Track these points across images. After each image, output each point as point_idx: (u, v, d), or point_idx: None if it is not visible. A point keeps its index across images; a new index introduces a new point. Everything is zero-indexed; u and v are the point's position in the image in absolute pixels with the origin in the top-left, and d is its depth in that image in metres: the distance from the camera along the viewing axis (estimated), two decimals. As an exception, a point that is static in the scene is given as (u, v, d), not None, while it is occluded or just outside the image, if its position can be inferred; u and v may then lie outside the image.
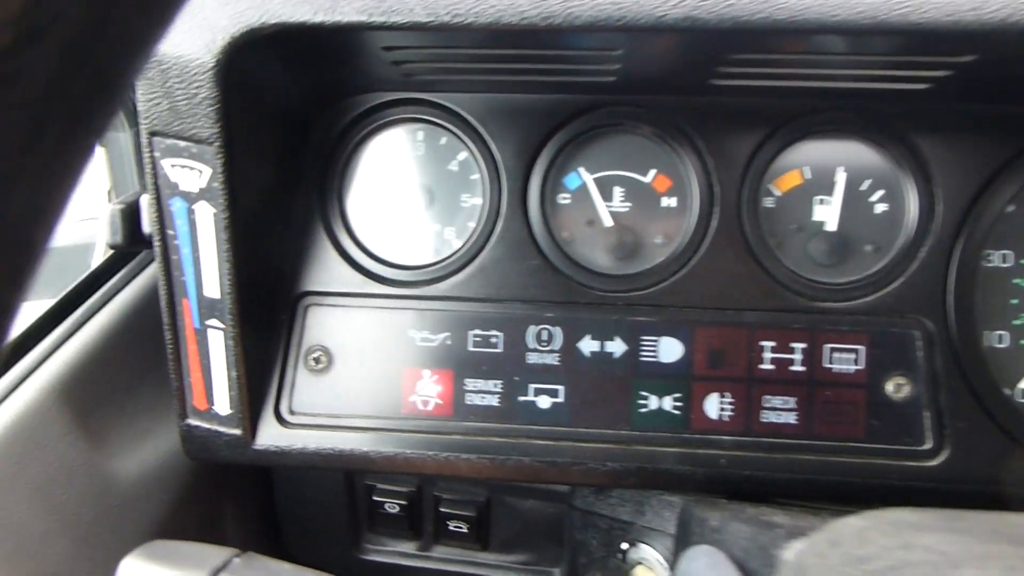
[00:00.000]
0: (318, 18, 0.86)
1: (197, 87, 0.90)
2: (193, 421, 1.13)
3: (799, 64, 0.95)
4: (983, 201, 1.05)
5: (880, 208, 1.10)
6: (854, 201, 1.10)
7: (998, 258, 1.07)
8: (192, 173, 0.96)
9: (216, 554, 0.78)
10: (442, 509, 1.42)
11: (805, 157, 1.10)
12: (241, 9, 0.87)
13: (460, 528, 1.43)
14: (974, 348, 1.06)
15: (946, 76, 0.94)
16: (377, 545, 1.50)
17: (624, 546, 1.23)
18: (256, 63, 0.93)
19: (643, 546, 1.22)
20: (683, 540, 1.03)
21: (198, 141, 0.93)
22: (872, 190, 1.10)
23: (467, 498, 1.42)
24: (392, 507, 1.43)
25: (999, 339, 1.07)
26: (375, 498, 1.43)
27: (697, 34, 0.85)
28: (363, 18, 0.86)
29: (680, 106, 1.08)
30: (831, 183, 1.10)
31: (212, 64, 0.89)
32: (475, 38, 0.91)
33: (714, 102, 1.07)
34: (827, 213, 1.10)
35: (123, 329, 1.25)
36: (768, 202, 1.11)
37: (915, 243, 1.07)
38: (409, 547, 1.48)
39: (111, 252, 1.28)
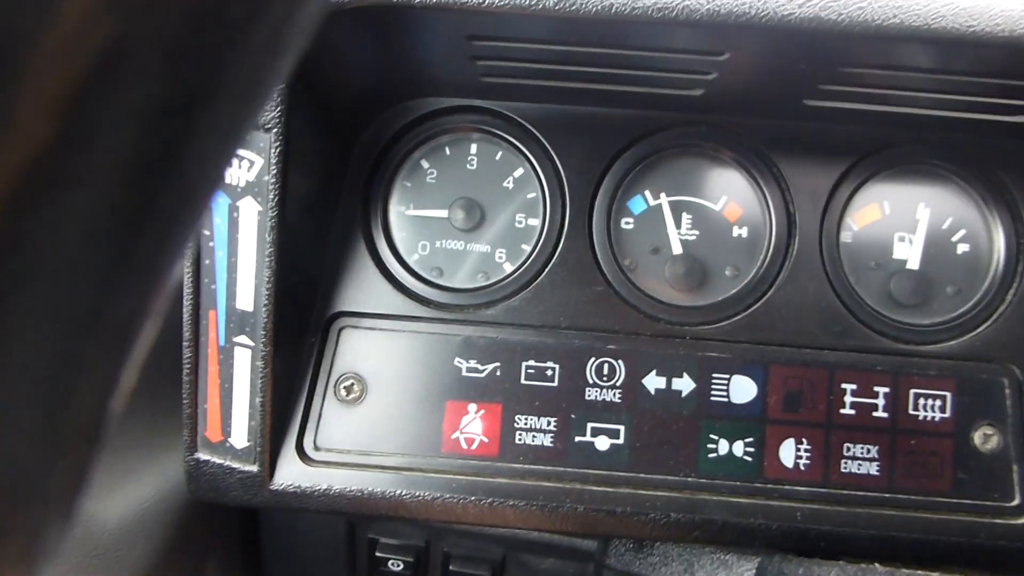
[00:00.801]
0: (408, -5, 0.77)
1: (260, 64, 0.80)
2: (203, 455, 0.98)
3: (903, 85, 0.90)
4: (1072, 244, 1.01)
5: (962, 248, 1.04)
6: (935, 240, 1.04)
7: (1079, 306, 1.02)
8: (241, 164, 0.85)
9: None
10: (452, 568, 1.28)
11: (885, 191, 1.05)
12: (319, -19, 0.77)
13: (471, 590, 1.30)
14: (1064, 399, 1.00)
15: (1054, 106, 0.90)
16: (375, 607, 1.35)
17: (670, 610, 1.12)
18: (326, 45, 0.83)
19: (692, 610, 1.10)
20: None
21: (253, 127, 0.82)
22: (954, 229, 1.04)
23: (481, 555, 1.29)
24: (396, 564, 1.29)
25: (1084, 390, 1.02)
26: (378, 554, 1.29)
27: (820, 38, 0.78)
28: (459, -2, 0.77)
29: (764, 129, 1.01)
30: (912, 219, 1.04)
31: (281, 39, 0.79)
32: (572, 31, 0.83)
33: (798, 127, 1.02)
34: (909, 251, 1.04)
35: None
36: (846, 236, 1.04)
37: (1003, 286, 1.02)
38: (411, 609, 1.34)
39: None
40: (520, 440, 1.01)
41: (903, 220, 1.04)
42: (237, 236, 0.88)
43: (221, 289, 0.91)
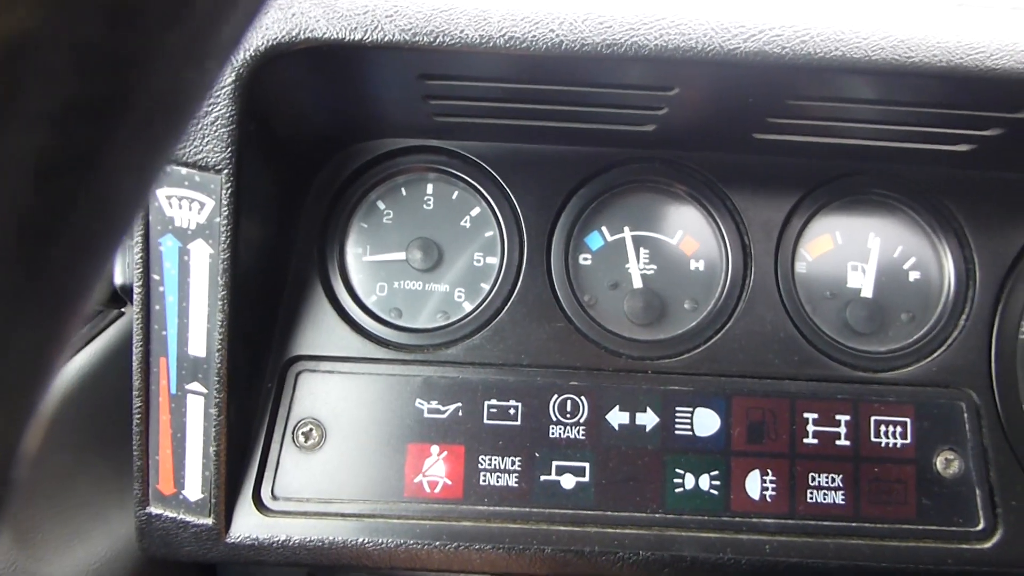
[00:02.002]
0: (357, 36, 0.77)
1: (211, 105, 0.79)
2: (155, 509, 0.95)
3: (848, 116, 0.92)
4: (1019, 270, 1.03)
5: (914, 276, 1.06)
6: (887, 268, 1.06)
7: (1029, 329, 1.04)
8: (191, 206, 0.83)
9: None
10: (420, 619, 1.24)
11: (836, 222, 1.06)
12: (269, 22, 0.78)
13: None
14: (1020, 421, 1.01)
15: (994, 136, 0.92)
16: (340, 664, 1.30)
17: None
18: (277, 85, 0.83)
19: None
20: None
21: (203, 168, 0.81)
22: (905, 257, 1.06)
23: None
24: (362, 618, 1.25)
25: (1040, 412, 1.03)
26: (342, 607, 1.25)
27: (765, 71, 0.80)
28: (407, 37, 0.78)
29: (716, 163, 1.03)
30: (864, 249, 1.06)
31: (231, 80, 0.78)
32: (522, 69, 0.84)
33: (749, 160, 1.03)
34: (862, 280, 1.05)
35: (62, 411, 1.07)
36: (801, 267, 1.05)
37: (954, 312, 1.03)
38: (378, 666, 1.29)
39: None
40: (484, 481, 0.99)
41: (855, 249, 1.06)
42: (188, 280, 0.86)
43: (172, 335, 0.89)
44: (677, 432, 1.00)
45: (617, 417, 1.00)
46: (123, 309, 1.21)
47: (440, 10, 0.78)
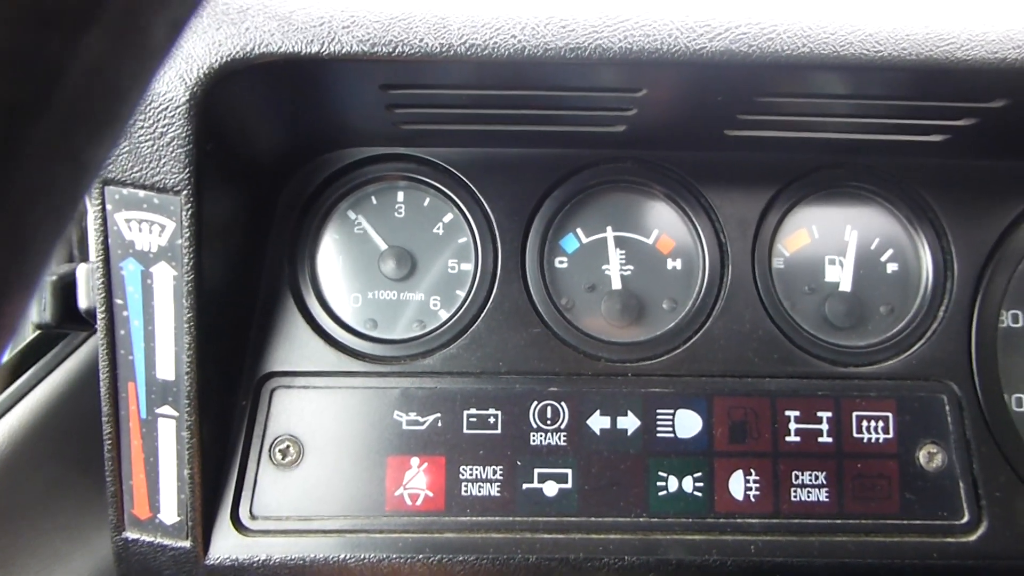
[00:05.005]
0: (313, 49, 0.75)
1: (165, 126, 0.77)
2: (131, 534, 0.93)
3: (819, 111, 0.91)
4: (997, 259, 1.02)
5: (891, 268, 1.05)
6: (865, 261, 1.05)
7: (1009, 318, 1.04)
8: (151, 229, 0.81)
9: None
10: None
11: (812, 215, 1.05)
12: (222, 38, 0.75)
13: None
14: (1002, 412, 1.00)
15: (968, 125, 0.91)
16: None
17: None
18: (234, 102, 0.81)
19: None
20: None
21: (161, 190, 0.79)
22: (882, 249, 1.05)
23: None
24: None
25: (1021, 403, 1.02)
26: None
27: (733, 70, 0.78)
28: (366, 48, 0.76)
29: (689, 161, 1.01)
30: (841, 242, 1.05)
31: (185, 99, 0.76)
32: (486, 75, 0.82)
33: (722, 157, 1.02)
34: (840, 273, 1.04)
35: (40, 430, 1.06)
36: (778, 263, 1.04)
37: (933, 304, 1.02)
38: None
39: (35, 335, 1.09)
40: (466, 492, 0.98)
41: (832, 243, 1.05)
42: (152, 304, 0.84)
43: (139, 359, 0.87)
44: (659, 435, 0.99)
45: (598, 422, 0.99)
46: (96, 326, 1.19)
47: (398, 19, 0.76)
